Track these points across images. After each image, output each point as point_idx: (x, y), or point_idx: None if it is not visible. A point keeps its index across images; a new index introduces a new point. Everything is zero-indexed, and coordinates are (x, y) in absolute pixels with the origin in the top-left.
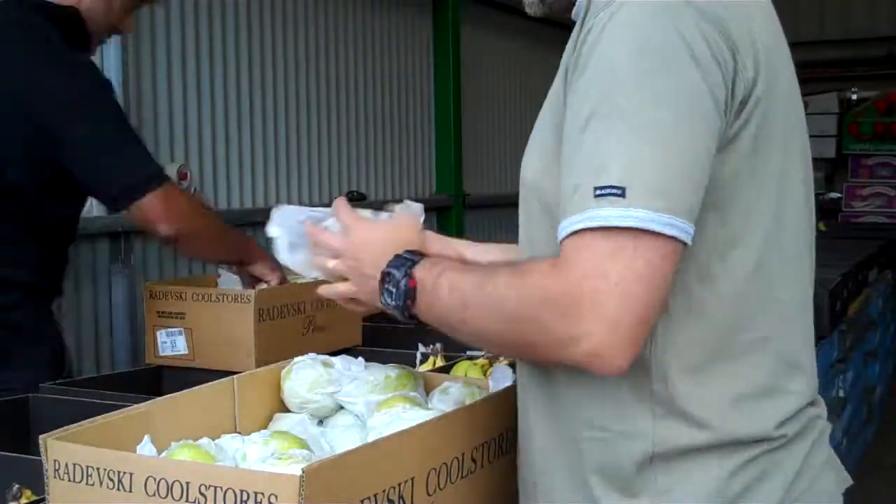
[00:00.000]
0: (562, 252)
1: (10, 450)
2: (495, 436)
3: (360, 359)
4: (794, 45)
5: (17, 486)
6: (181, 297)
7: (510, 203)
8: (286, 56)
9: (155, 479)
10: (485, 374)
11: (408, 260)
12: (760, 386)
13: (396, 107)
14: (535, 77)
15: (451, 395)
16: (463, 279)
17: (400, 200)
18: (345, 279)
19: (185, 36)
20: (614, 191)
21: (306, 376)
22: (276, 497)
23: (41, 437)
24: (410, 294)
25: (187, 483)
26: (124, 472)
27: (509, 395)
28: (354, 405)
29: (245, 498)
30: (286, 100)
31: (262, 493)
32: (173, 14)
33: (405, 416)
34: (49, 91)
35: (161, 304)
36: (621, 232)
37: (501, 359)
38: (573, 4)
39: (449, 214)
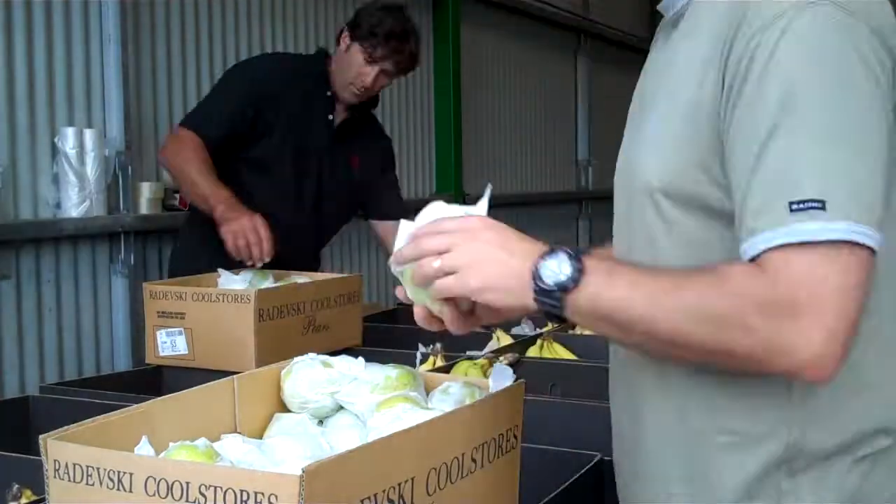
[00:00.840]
0: (766, 263)
1: (10, 450)
2: (495, 436)
3: (360, 359)
4: None
5: (17, 486)
6: (181, 297)
7: (510, 203)
8: None
9: (155, 480)
10: (485, 375)
11: (572, 249)
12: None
13: (396, 107)
14: (534, 77)
15: (452, 395)
16: (647, 276)
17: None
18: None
19: (185, 36)
20: (814, 205)
21: (306, 376)
22: (276, 497)
23: (41, 437)
24: (576, 277)
25: (187, 483)
26: (124, 472)
27: (510, 394)
28: (354, 405)
29: (245, 498)
30: None
31: (262, 493)
32: (173, 14)
33: (405, 416)
34: None
35: (161, 304)
36: (826, 245)
37: (502, 358)
38: None
39: None
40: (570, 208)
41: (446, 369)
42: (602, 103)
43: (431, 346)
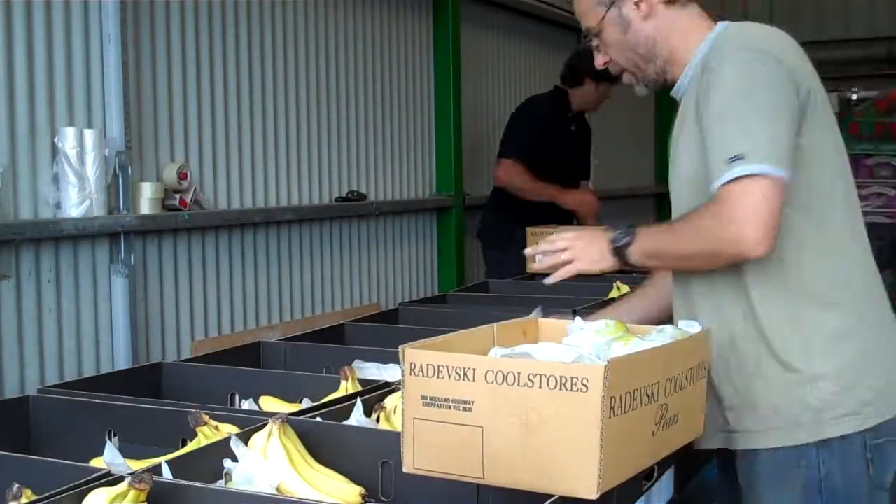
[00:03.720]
0: (717, 196)
1: (10, 450)
2: (695, 364)
3: (578, 318)
4: None
5: (17, 485)
6: (552, 234)
7: None
8: (286, 56)
9: (493, 372)
10: None
11: (628, 227)
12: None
13: (396, 107)
14: (534, 77)
15: (666, 333)
16: (665, 227)
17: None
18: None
19: (185, 36)
20: (740, 156)
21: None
22: (587, 381)
23: (400, 347)
24: (630, 239)
25: (518, 373)
26: (469, 368)
27: (702, 336)
28: (580, 348)
29: (564, 381)
30: (286, 100)
31: (577, 378)
32: (173, 14)
33: (645, 343)
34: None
35: (538, 238)
36: (749, 177)
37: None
38: (670, 86)
39: (449, 214)
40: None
41: None
42: (602, 103)
43: None
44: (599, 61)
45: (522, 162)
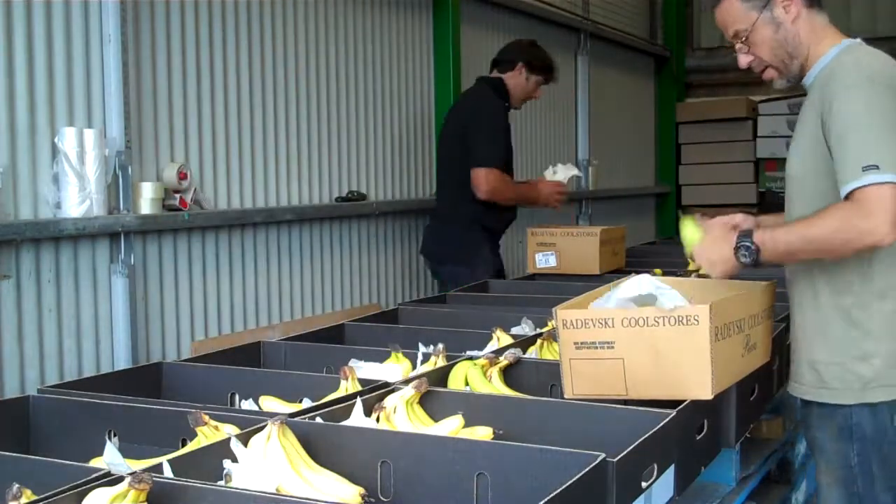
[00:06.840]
0: (853, 197)
1: (10, 450)
2: (766, 307)
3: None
4: None
5: (17, 485)
6: (553, 234)
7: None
8: (286, 56)
9: (627, 318)
10: (484, 374)
11: (747, 233)
12: None
13: (396, 107)
14: None
15: (746, 285)
16: (793, 226)
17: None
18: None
19: (185, 36)
20: (873, 166)
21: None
22: (698, 317)
23: (554, 308)
24: (756, 251)
25: (647, 317)
26: (609, 318)
27: (770, 287)
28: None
29: (681, 318)
30: (286, 100)
31: (690, 315)
32: (173, 14)
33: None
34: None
35: (539, 238)
36: (881, 184)
37: (505, 355)
38: (802, 77)
39: None
40: (569, 208)
41: (447, 369)
42: (602, 103)
43: (432, 347)
44: (744, 62)
45: (499, 167)
